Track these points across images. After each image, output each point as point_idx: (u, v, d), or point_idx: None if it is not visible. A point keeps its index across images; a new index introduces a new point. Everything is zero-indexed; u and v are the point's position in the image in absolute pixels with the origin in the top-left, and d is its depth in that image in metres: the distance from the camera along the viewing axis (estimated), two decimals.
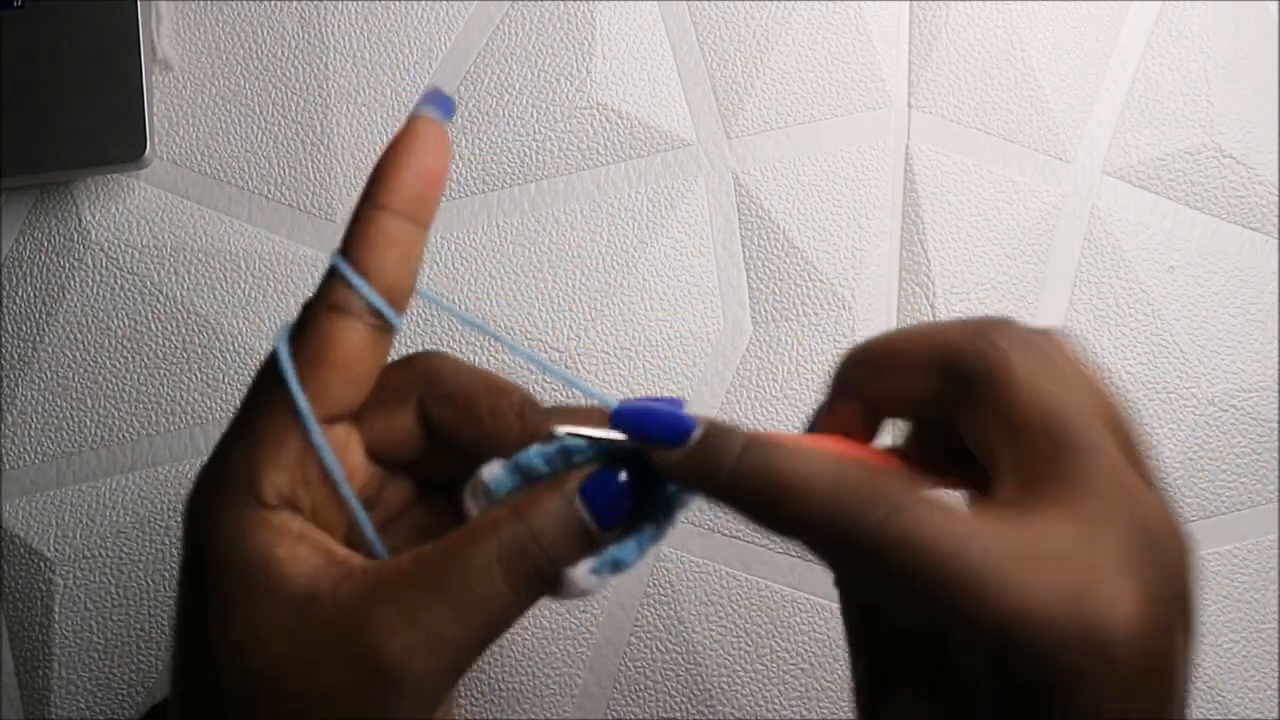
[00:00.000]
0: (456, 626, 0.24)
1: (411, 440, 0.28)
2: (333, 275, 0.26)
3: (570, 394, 0.44)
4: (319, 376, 0.26)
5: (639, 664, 0.42)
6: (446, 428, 0.28)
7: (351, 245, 0.26)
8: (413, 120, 0.27)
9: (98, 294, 0.44)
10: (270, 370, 0.26)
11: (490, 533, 0.25)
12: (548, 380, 0.43)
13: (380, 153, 0.27)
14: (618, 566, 0.26)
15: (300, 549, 0.25)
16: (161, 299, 0.44)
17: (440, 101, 0.27)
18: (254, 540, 0.25)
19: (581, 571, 0.26)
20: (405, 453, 0.28)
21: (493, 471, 0.27)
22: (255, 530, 0.25)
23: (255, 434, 0.26)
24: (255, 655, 0.24)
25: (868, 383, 0.27)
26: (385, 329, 0.27)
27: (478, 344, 0.44)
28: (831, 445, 0.27)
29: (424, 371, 0.28)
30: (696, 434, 0.25)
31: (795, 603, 0.43)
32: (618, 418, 0.26)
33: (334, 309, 0.26)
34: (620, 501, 0.26)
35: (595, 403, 0.28)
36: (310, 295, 0.27)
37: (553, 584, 0.25)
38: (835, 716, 0.42)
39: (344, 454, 0.27)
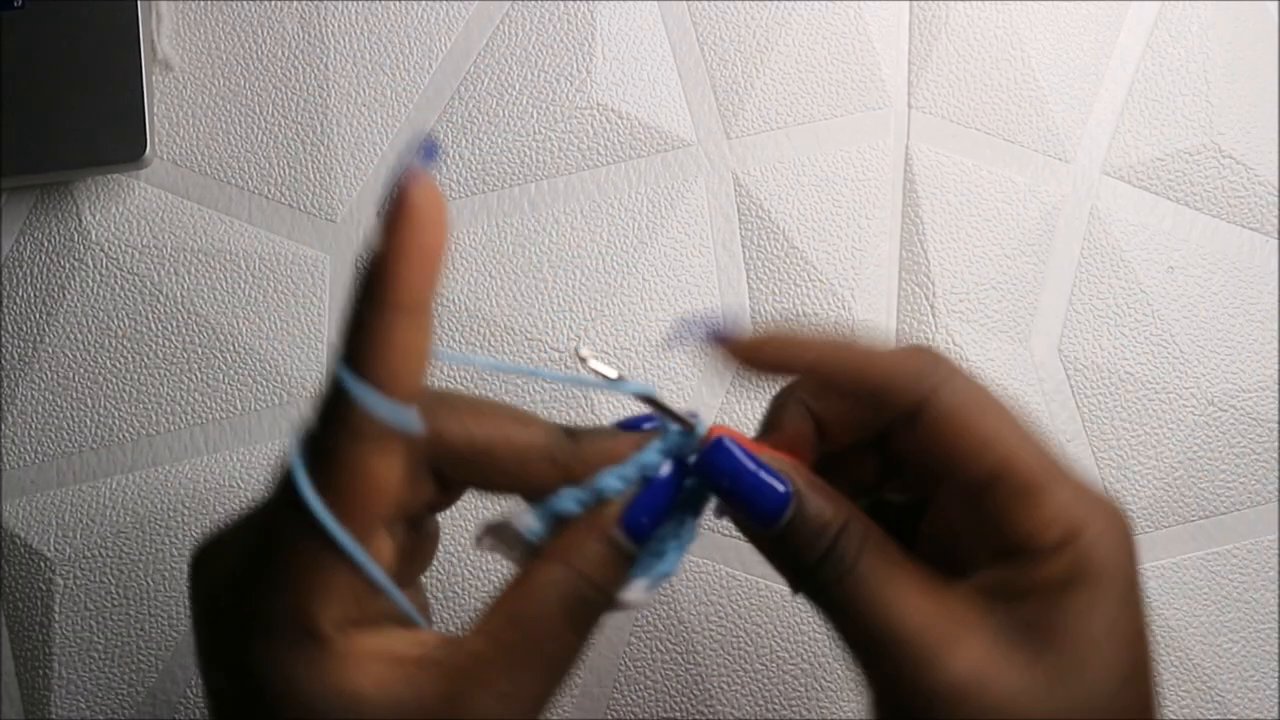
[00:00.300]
0: (539, 687, 0.25)
1: (429, 499, 0.27)
2: (344, 391, 0.24)
3: (585, 396, 0.44)
4: (352, 510, 0.24)
5: (639, 664, 0.42)
6: (469, 483, 0.27)
7: (364, 356, 0.23)
8: (405, 191, 0.23)
9: (98, 294, 0.44)
10: (290, 498, 0.24)
11: (550, 590, 0.26)
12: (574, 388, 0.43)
13: (380, 153, 0.27)
14: (664, 577, 0.27)
15: (372, 667, 0.25)
16: (161, 299, 0.44)
17: (426, 150, 0.24)
18: (328, 678, 0.24)
19: (637, 592, 0.27)
20: (415, 507, 0.27)
21: (525, 522, 0.27)
22: (328, 668, 0.24)
23: (296, 576, 0.24)
24: None
25: (814, 402, 0.29)
26: (405, 439, 0.25)
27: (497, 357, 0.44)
28: (786, 460, 0.28)
29: (432, 442, 0.26)
30: (785, 518, 0.27)
31: (795, 603, 0.43)
32: (708, 467, 0.27)
33: (358, 437, 0.24)
34: (655, 521, 0.27)
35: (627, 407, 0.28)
36: (321, 404, 0.24)
37: (610, 609, 0.26)
38: (835, 716, 0.42)
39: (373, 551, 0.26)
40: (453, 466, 0.27)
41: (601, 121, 0.45)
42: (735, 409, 0.44)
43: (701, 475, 0.27)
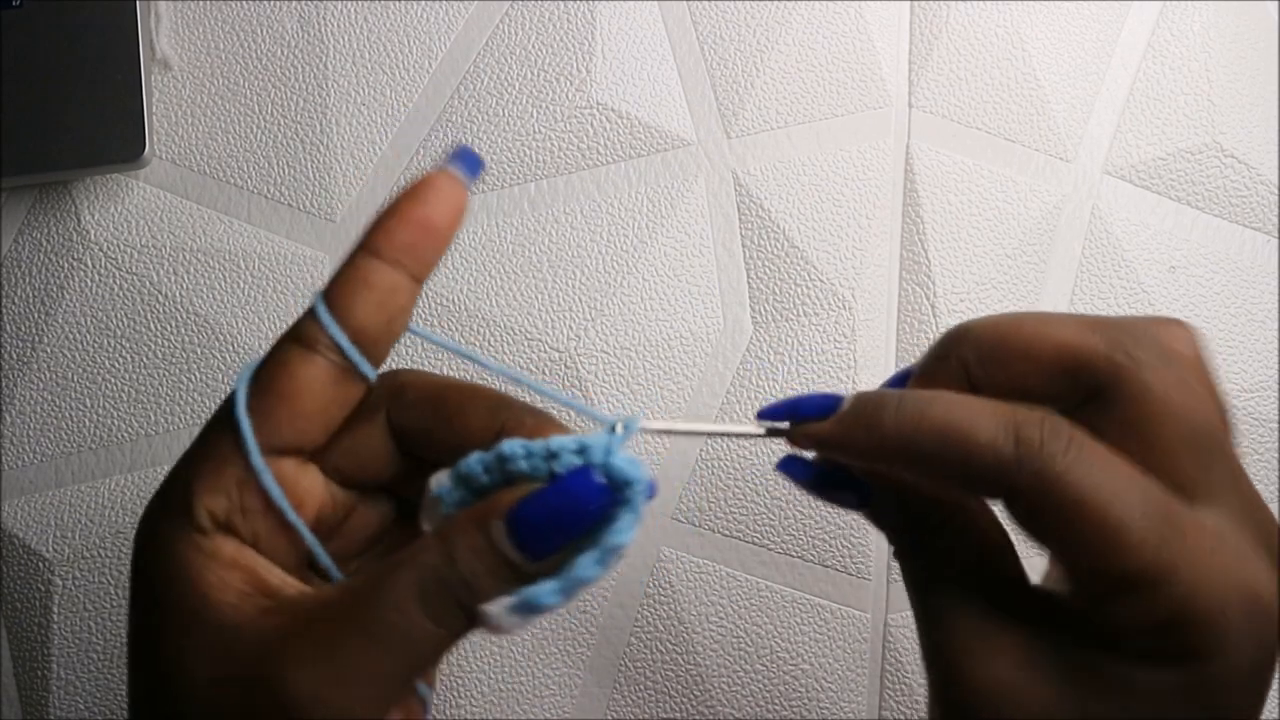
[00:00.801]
0: (375, 661, 0.23)
1: (382, 455, 0.27)
2: (310, 310, 0.26)
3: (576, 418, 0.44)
4: (267, 407, 0.25)
5: (639, 664, 0.42)
6: (416, 435, 0.27)
7: (331, 285, 0.26)
8: (430, 173, 0.26)
9: (97, 294, 0.44)
10: (229, 399, 0.26)
11: (410, 563, 0.24)
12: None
13: (379, 155, 0.27)
14: (532, 609, 0.23)
15: (230, 575, 0.25)
16: (161, 299, 0.44)
17: (467, 159, 0.27)
18: (185, 564, 0.25)
19: (495, 609, 0.23)
20: (377, 469, 0.28)
21: (439, 480, 0.25)
22: (187, 554, 0.25)
23: (196, 459, 0.25)
24: (183, 682, 0.24)
25: (978, 366, 0.27)
26: (353, 372, 0.26)
27: (482, 375, 0.44)
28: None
29: (390, 385, 0.27)
30: (847, 403, 0.26)
31: (795, 603, 0.43)
32: (764, 412, 0.27)
33: (296, 341, 0.26)
34: (552, 533, 0.24)
35: (599, 424, 0.26)
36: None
37: (472, 619, 0.24)
38: (835, 716, 0.42)
39: (293, 483, 0.26)
40: (401, 410, 0.27)
41: (601, 121, 0.45)
42: (735, 409, 0.44)
43: (765, 415, 0.26)
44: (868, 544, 0.43)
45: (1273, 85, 0.47)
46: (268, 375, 0.26)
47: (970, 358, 0.27)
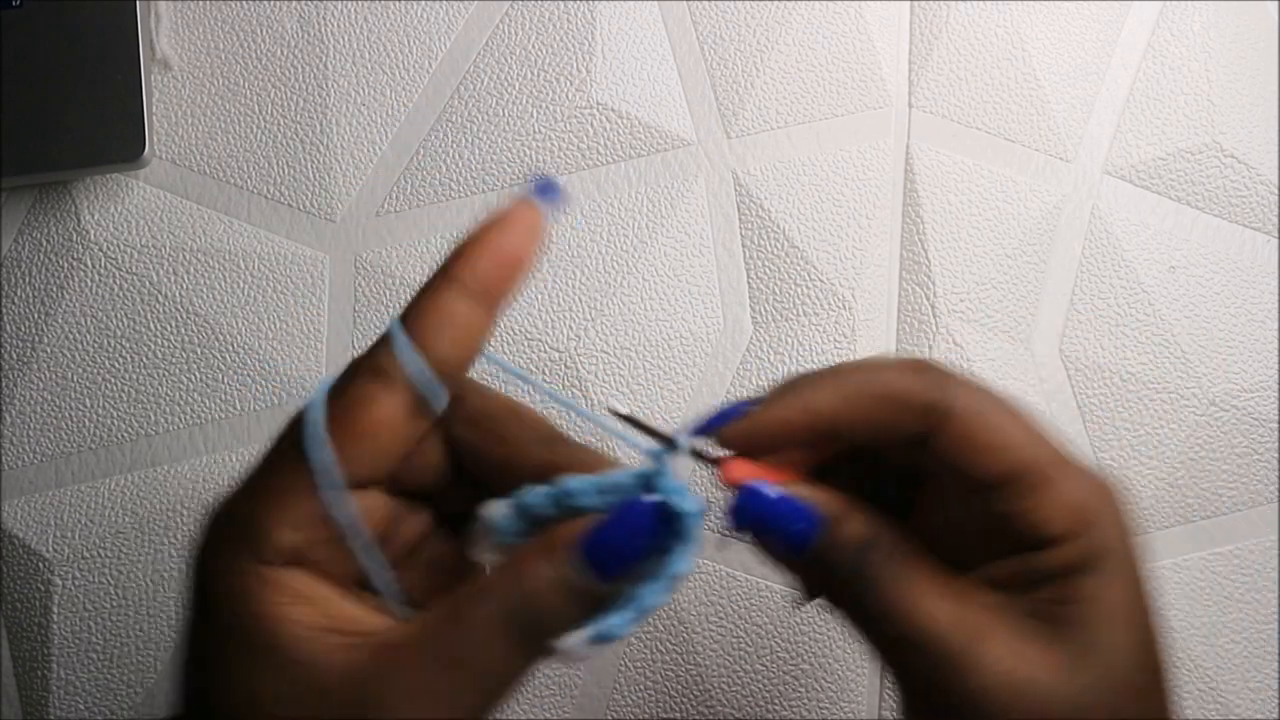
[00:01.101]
0: (464, 695, 0.24)
1: (437, 466, 0.28)
2: (385, 338, 0.25)
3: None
4: (344, 441, 0.25)
5: (639, 664, 0.42)
6: (470, 452, 0.27)
7: (411, 313, 0.25)
8: (514, 203, 0.26)
9: (97, 294, 0.44)
10: (296, 425, 0.25)
11: (489, 595, 0.24)
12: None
13: (379, 155, 0.27)
14: (607, 639, 0.24)
15: (303, 610, 0.24)
16: (161, 299, 0.44)
17: (548, 190, 0.27)
18: (258, 599, 0.24)
19: (574, 641, 0.24)
20: (430, 479, 0.28)
21: (497, 510, 0.26)
22: (259, 589, 0.24)
23: (269, 490, 0.25)
24: (260, 716, 0.24)
25: (843, 423, 0.28)
26: (427, 404, 0.26)
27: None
28: (812, 490, 0.28)
29: (450, 395, 0.27)
30: (772, 390, 0.28)
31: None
32: (741, 515, 0.27)
33: (376, 373, 0.25)
34: (620, 563, 0.25)
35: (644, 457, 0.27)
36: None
37: (547, 650, 0.24)
38: (835, 716, 0.42)
39: (361, 509, 0.26)
40: (459, 423, 0.27)
41: (601, 121, 0.45)
42: None
43: (733, 518, 0.27)
44: None
45: (1273, 85, 0.47)
46: (345, 408, 0.25)
47: (817, 398, 0.28)
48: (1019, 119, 0.46)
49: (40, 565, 0.42)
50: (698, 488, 0.27)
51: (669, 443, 0.27)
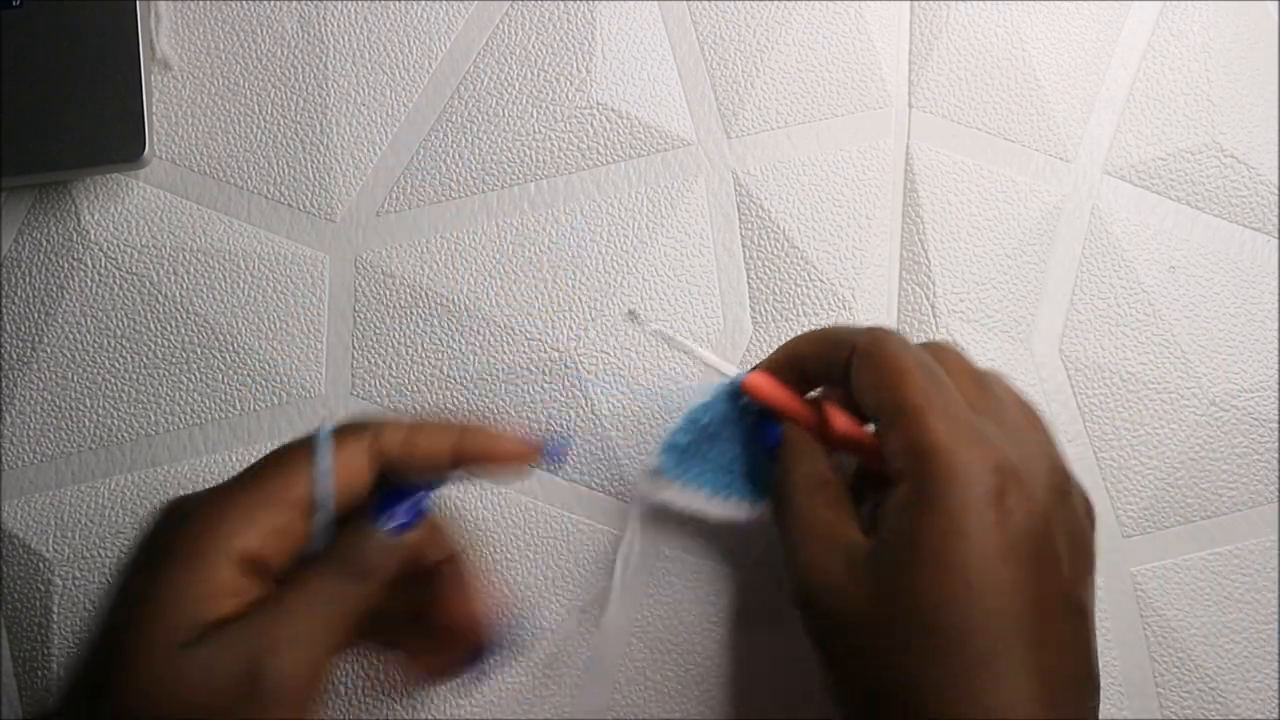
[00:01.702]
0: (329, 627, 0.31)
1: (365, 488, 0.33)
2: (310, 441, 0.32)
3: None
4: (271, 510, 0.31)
5: (639, 664, 0.42)
6: (395, 469, 0.33)
7: (345, 431, 0.32)
8: (523, 445, 0.34)
9: (97, 294, 0.44)
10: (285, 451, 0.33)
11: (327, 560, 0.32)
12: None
13: (379, 155, 0.27)
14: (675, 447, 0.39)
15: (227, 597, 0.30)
16: (161, 299, 0.44)
17: (554, 456, 0.35)
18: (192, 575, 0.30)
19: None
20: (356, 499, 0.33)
21: (661, 460, 0.39)
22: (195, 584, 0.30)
23: (249, 504, 0.31)
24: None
25: (807, 359, 0.38)
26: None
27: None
28: (779, 387, 0.38)
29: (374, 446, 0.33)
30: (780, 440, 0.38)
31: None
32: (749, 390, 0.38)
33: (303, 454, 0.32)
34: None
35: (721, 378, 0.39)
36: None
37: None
38: (836, 717, 0.42)
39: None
40: (387, 455, 0.33)
41: (601, 121, 0.45)
42: None
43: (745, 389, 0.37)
44: None
45: (1273, 85, 0.47)
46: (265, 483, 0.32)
47: (803, 354, 0.38)
48: (1019, 119, 0.46)
49: (40, 565, 0.42)
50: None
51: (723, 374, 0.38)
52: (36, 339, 0.43)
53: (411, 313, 0.44)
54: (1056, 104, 0.46)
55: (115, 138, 0.42)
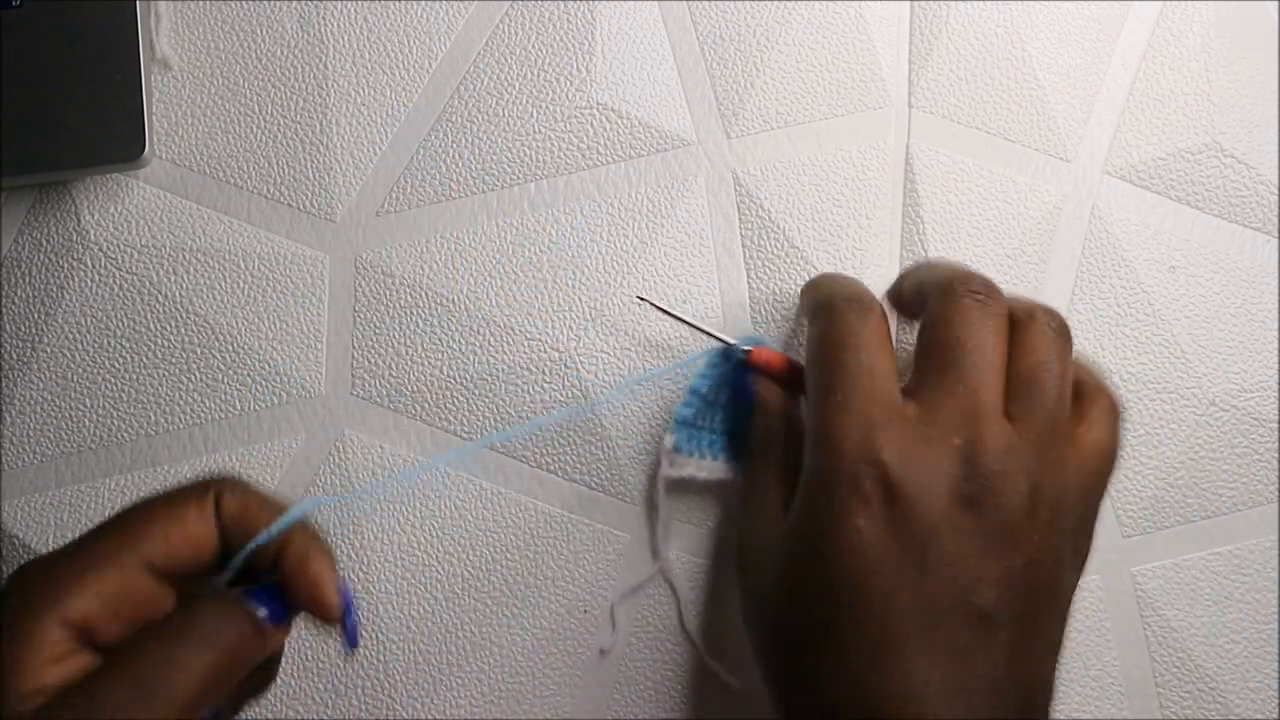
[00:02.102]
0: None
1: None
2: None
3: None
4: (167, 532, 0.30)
5: (639, 664, 0.42)
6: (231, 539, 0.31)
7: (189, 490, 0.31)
8: (330, 593, 0.30)
9: (97, 294, 0.44)
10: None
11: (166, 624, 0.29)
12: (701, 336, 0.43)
13: (379, 155, 0.27)
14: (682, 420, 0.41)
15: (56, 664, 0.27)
16: (161, 299, 0.44)
17: (350, 632, 0.31)
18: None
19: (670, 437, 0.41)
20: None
21: (672, 439, 0.41)
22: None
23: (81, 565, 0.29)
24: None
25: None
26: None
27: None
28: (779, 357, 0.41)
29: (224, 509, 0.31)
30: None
31: None
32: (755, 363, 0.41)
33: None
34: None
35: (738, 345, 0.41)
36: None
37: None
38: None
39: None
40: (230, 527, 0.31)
41: (601, 121, 0.45)
42: None
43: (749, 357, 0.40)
44: None
45: (1273, 85, 0.47)
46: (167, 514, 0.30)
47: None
48: (1019, 119, 0.46)
49: None
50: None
51: (728, 344, 0.41)
52: (36, 339, 0.43)
53: (411, 313, 0.44)
54: (1056, 104, 0.46)
55: (115, 138, 0.42)
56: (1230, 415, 0.45)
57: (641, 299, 0.42)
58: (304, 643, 0.42)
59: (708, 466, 0.41)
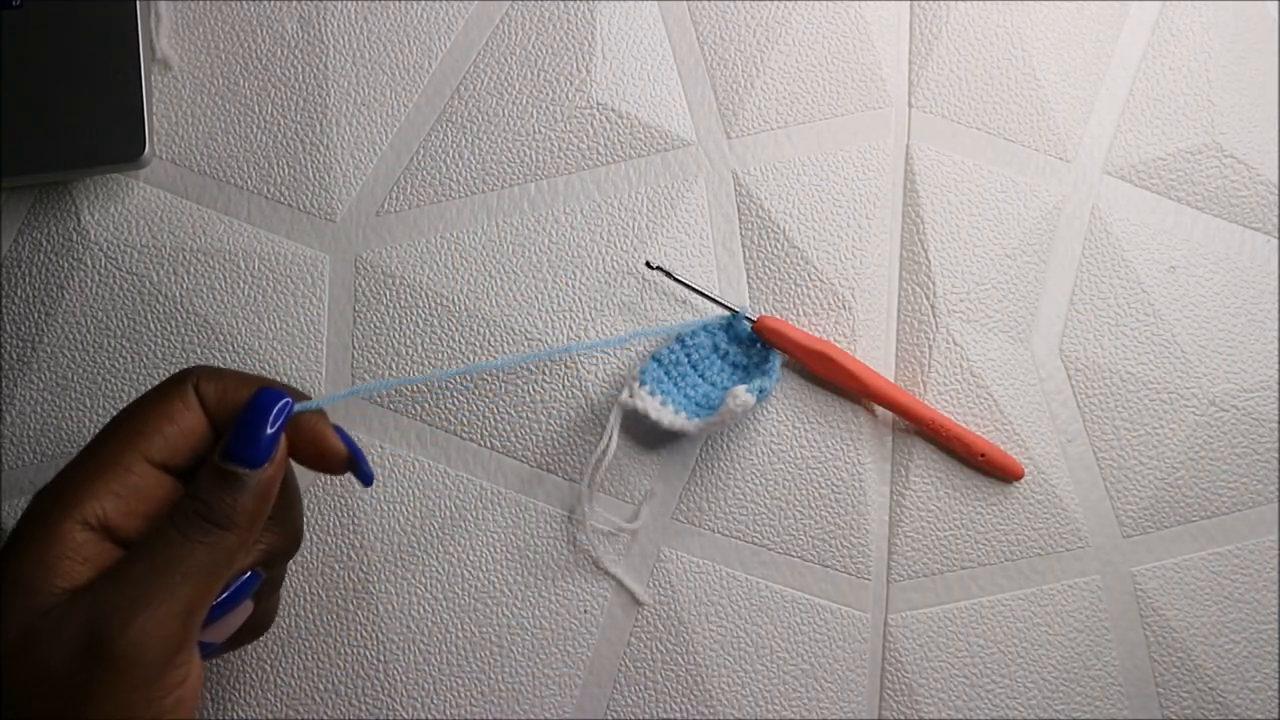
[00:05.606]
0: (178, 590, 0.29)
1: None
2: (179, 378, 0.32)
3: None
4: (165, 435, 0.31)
5: (639, 664, 0.42)
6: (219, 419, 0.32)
7: (169, 382, 0.32)
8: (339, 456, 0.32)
9: (97, 294, 0.44)
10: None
11: (177, 512, 0.30)
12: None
13: (379, 155, 0.27)
14: (765, 392, 0.42)
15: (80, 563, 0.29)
16: (160, 299, 0.44)
17: (364, 476, 0.33)
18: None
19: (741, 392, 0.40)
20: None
21: (644, 369, 0.42)
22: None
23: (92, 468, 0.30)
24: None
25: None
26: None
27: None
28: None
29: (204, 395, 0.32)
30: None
31: (795, 603, 0.43)
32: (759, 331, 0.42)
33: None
34: (249, 442, 0.31)
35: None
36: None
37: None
38: (835, 716, 0.42)
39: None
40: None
41: (601, 121, 0.45)
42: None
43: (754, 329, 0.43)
44: (868, 544, 0.43)
45: (1273, 85, 0.47)
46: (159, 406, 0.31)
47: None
48: (1019, 119, 0.46)
49: None
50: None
51: (734, 311, 0.43)
52: (37, 339, 0.43)
53: (411, 313, 0.44)
54: (1056, 104, 0.46)
55: (115, 138, 0.42)
56: (1230, 415, 0.45)
57: (652, 265, 0.43)
58: (305, 642, 0.42)
59: (660, 411, 0.42)
